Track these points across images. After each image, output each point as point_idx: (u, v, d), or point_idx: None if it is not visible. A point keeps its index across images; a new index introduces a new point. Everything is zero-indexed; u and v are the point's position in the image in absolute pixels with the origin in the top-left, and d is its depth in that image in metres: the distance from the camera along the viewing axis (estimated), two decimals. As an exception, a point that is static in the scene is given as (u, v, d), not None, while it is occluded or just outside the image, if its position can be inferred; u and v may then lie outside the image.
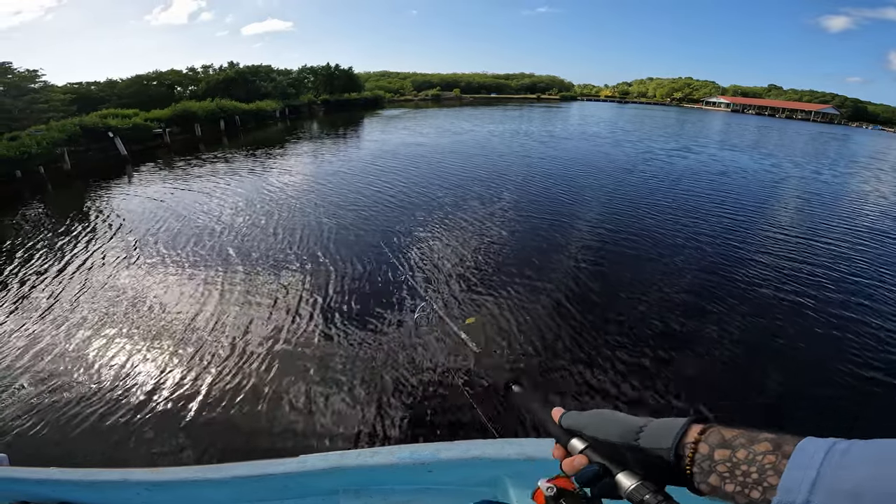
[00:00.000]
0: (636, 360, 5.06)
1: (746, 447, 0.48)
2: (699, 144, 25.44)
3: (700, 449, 0.52)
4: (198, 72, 41.88)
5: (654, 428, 0.57)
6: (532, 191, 12.44)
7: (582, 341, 5.40)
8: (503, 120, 36.65)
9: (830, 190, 15.30)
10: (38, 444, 3.91)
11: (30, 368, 4.96)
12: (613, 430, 0.61)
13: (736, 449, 0.48)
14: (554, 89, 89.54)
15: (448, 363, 4.80)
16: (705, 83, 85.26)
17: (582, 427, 0.66)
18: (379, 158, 17.29)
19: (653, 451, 0.55)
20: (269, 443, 3.92)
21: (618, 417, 0.63)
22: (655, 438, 0.56)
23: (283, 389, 4.56)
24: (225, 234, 8.93)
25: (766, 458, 0.45)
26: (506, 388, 0.89)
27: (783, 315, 6.29)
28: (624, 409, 0.87)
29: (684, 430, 0.54)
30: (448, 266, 7.44)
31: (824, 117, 65.05)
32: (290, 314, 5.98)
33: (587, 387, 4.62)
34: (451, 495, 1.52)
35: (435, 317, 5.77)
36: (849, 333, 5.85)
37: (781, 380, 4.90)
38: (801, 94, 74.86)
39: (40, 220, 10.42)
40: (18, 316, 6.10)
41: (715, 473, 0.49)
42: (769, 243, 9.18)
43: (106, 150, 18.84)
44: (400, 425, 4.12)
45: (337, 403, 4.38)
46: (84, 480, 1.61)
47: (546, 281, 6.93)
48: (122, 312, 6.07)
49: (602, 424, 0.64)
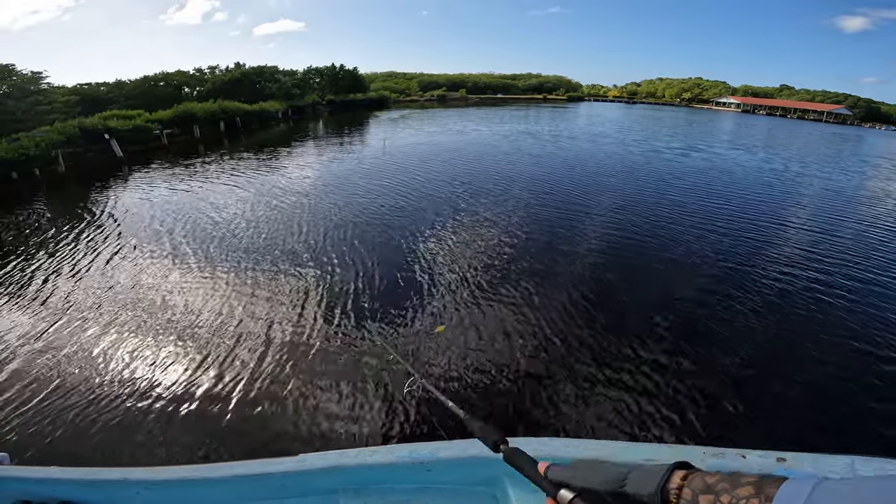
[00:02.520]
0: (647, 378, 4.83)
1: (729, 492, 0.49)
2: (707, 144, 24.98)
3: (684, 494, 0.53)
4: (204, 73, 42.26)
5: (638, 474, 0.60)
6: (528, 191, 12.26)
7: (586, 355, 5.21)
8: (508, 120, 36.41)
9: (844, 191, 14.87)
10: (43, 441, 3.94)
11: (28, 365, 4.99)
12: (599, 479, 0.64)
13: (719, 493, 0.49)
14: (561, 89, 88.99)
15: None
16: (715, 83, 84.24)
17: (568, 479, 0.68)
18: (378, 159, 17.21)
19: (639, 496, 0.57)
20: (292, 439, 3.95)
21: (602, 466, 0.66)
22: (640, 484, 0.58)
23: (301, 388, 4.58)
24: (209, 235, 8.85)
25: (750, 501, 0.46)
26: (494, 447, 0.87)
27: (812, 324, 6.08)
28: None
29: (668, 476, 0.56)
30: (457, 268, 7.38)
31: (837, 118, 63.83)
32: (297, 312, 5.99)
33: (596, 404, 4.44)
34: (449, 494, 1.54)
35: (421, 387, 5.67)
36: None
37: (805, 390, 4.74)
38: (813, 95, 73.60)
39: (31, 224, 10.45)
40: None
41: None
42: (785, 248, 8.87)
43: (105, 151, 18.96)
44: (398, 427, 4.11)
45: (343, 401, 4.40)
46: (85, 479, 1.63)
47: (556, 283, 6.77)
48: (103, 310, 6.02)
49: (588, 474, 0.66)
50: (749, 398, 4.58)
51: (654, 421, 4.23)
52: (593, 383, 4.72)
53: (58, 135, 17.16)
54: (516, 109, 52.02)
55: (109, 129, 18.98)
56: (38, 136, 16.51)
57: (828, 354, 5.39)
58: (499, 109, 50.91)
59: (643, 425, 4.19)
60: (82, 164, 17.55)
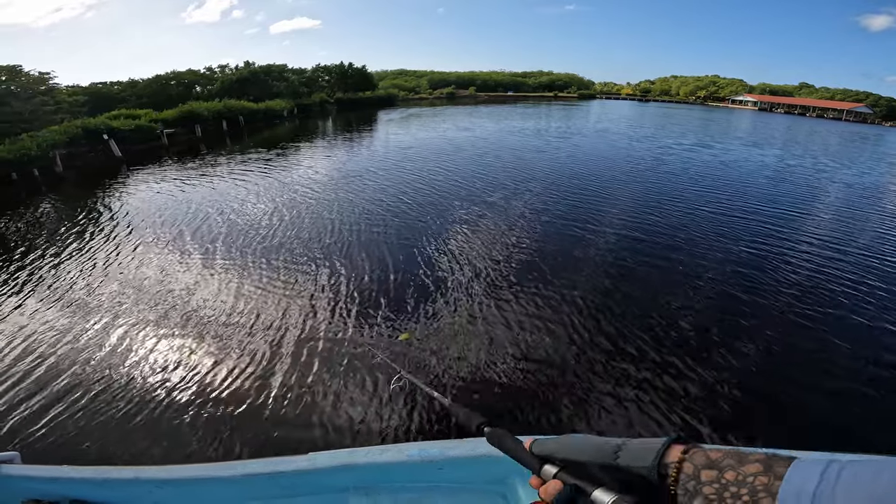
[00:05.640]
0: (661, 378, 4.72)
1: (735, 468, 0.46)
2: (717, 141, 24.29)
3: (684, 469, 0.49)
4: (215, 71, 42.76)
5: (633, 446, 0.56)
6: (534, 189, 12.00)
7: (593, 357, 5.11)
8: (513, 117, 35.99)
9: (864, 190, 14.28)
10: (52, 440, 3.97)
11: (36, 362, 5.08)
12: (588, 451, 0.60)
13: (724, 470, 0.46)
14: (572, 87, 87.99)
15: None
16: (732, 81, 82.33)
17: (553, 451, 0.65)
18: (376, 162, 17.13)
19: (633, 469, 0.53)
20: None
21: (592, 439, 0.62)
22: (635, 457, 0.54)
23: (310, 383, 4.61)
24: (199, 236, 8.87)
25: (758, 479, 0.43)
26: (478, 431, 0.86)
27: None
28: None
29: (665, 449, 0.52)
30: (469, 264, 7.45)
31: (857, 116, 61.80)
32: (299, 309, 6.01)
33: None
34: (459, 493, 1.55)
35: (407, 382, 5.58)
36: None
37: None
38: (833, 93, 71.46)
39: (33, 223, 10.62)
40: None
41: (701, 496, 0.47)
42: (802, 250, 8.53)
43: (106, 151, 19.24)
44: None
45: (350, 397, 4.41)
46: (95, 478, 1.65)
47: (565, 284, 6.71)
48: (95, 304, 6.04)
49: (575, 446, 0.63)
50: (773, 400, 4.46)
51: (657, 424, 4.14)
52: (595, 383, 4.63)
53: (60, 135, 17.44)
54: (522, 107, 51.48)
55: (109, 130, 19.24)
56: (40, 137, 16.79)
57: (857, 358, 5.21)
58: (505, 107, 50.43)
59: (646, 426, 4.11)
60: (81, 165, 17.79)
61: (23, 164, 15.29)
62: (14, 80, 20.64)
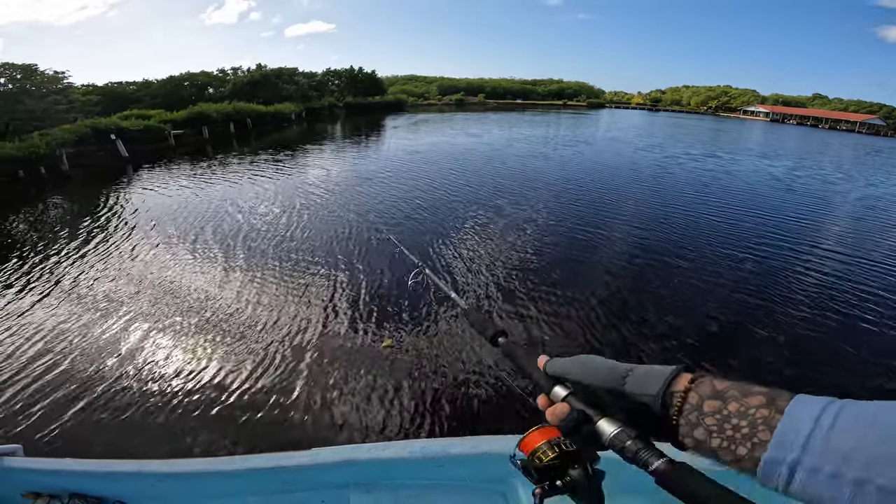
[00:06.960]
0: None
1: (738, 400, 0.45)
2: (727, 152, 24.00)
3: (689, 399, 0.48)
4: (227, 73, 43.28)
5: (640, 373, 0.54)
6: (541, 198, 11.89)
7: None
8: (521, 124, 35.92)
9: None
10: (56, 432, 3.98)
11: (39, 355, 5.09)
12: (598, 375, 0.58)
13: (727, 401, 0.45)
14: (582, 96, 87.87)
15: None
16: (744, 91, 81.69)
17: (565, 372, 0.63)
18: (374, 163, 17.13)
19: (638, 396, 0.52)
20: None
21: (604, 362, 0.60)
22: (642, 384, 0.53)
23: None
24: (199, 236, 8.88)
25: (759, 412, 0.42)
26: (492, 340, 0.83)
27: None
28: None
29: (673, 377, 0.51)
30: (475, 270, 7.38)
31: (870, 128, 60.86)
32: (301, 307, 6.05)
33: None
34: (460, 490, 1.56)
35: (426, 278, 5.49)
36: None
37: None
38: (846, 104, 70.62)
39: (37, 219, 10.74)
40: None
41: (702, 427, 0.46)
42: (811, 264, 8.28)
43: (115, 151, 19.49)
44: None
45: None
46: (98, 471, 1.65)
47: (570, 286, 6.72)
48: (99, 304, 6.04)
49: (586, 369, 0.61)
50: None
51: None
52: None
53: (69, 134, 17.67)
54: (531, 115, 51.42)
55: (118, 130, 19.47)
56: (51, 135, 17.03)
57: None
58: (514, 115, 50.39)
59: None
60: (87, 164, 17.98)
61: (30, 161, 15.50)
62: (29, 79, 21.00)
